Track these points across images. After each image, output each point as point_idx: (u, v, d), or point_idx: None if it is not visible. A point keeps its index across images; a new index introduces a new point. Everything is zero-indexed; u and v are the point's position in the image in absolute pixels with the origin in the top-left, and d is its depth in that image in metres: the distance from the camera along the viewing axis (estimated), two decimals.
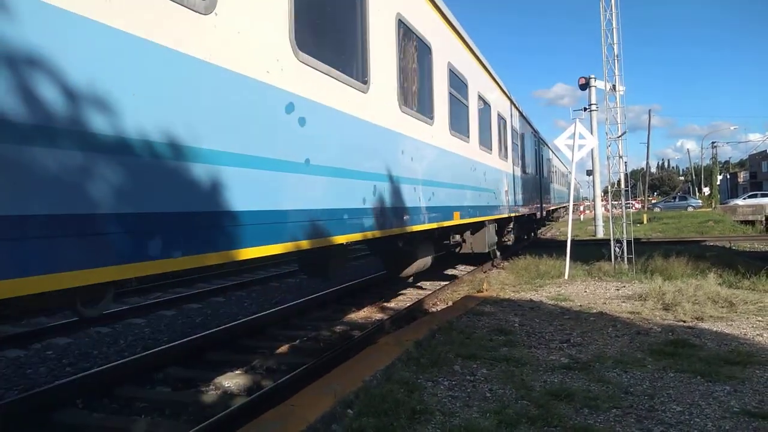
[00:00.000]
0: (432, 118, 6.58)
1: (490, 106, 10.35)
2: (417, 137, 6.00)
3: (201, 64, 2.68)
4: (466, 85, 8.48)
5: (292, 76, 3.47)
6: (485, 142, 9.77)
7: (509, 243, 13.65)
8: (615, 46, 11.24)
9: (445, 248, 8.66)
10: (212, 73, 2.77)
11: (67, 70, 2.03)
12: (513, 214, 12.67)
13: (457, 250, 9.42)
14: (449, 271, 12.05)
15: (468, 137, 8.48)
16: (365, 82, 4.63)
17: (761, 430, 3.12)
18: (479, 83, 9.48)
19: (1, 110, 1.81)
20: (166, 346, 5.68)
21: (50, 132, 1.98)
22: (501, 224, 12.10)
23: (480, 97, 9.46)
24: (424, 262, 7.29)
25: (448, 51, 7.43)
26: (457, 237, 9.12)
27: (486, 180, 9.73)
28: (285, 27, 3.41)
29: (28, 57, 1.90)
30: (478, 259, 11.45)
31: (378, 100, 4.88)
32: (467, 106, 8.55)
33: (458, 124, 7.88)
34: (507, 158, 12.15)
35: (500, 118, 11.50)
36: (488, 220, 9.80)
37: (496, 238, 11.11)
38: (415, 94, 6.02)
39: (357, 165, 4.50)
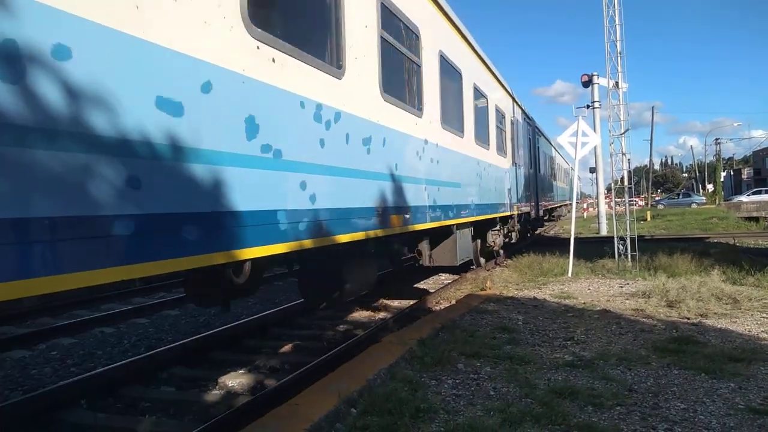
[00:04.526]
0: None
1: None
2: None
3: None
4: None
5: (380, 111, 5.11)
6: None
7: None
8: (618, 43, 11.21)
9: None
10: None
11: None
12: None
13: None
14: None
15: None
16: (421, 109, 6.27)
17: (766, 427, 3.11)
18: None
19: None
20: (171, 345, 5.70)
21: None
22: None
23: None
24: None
25: None
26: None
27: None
28: (377, 83, 5.06)
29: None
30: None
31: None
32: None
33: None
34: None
35: None
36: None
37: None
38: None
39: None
